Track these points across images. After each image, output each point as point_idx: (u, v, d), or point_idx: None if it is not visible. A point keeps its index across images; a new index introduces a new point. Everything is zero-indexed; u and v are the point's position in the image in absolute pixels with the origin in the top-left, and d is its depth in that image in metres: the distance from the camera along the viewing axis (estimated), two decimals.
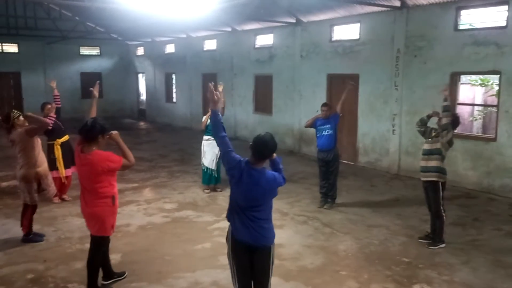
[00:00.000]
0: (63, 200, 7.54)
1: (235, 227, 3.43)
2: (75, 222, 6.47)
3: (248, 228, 3.37)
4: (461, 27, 8.63)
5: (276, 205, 3.63)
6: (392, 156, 9.94)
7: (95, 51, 21.47)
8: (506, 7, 7.88)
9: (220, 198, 7.88)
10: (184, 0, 8.59)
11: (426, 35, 9.06)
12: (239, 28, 14.40)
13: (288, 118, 12.77)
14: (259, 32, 13.86)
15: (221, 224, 6.41)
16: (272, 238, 3.51)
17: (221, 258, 5.15)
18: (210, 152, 8.03)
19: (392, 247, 5.72)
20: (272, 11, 11.89)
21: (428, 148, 5.73)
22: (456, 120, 5.83)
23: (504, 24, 7.91)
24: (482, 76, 10.37)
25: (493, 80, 10.15)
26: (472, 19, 8.70)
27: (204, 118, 8.19)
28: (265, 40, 13.82)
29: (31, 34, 17.24)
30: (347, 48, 10.82)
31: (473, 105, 10.76)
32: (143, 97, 21.95)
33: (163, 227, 6.44)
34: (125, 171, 7.31)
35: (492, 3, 8.14)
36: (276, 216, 3.62)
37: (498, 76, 8.24)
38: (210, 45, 16.47)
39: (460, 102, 9.24)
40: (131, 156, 4.28)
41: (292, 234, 6.15)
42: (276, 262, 3.63)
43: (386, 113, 10.02)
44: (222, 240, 5.37)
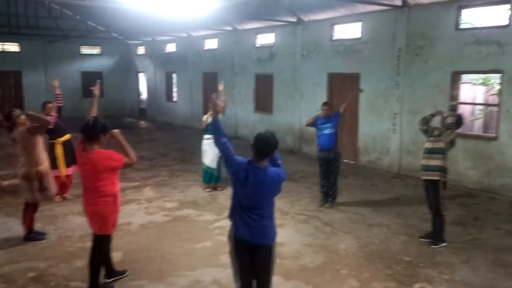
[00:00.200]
0: (64, 199, 7.55)
1: (237, 226, 3.43)
2: (76, 221, 6.49)
3: (251, 227, 3.38)
4: (462, 26, 8.62)
5: (277, 204, 3.62)
6: (393, 155, 9.93)
7: (96, 50, 21.47)
8: (508, 6, 7.87)
9: (221, 197, 7.89)
10: None
11: (427, 34, 9.05)
12: (240, 27, 14.39)
13: (289, 117, 12.76)
14: (260, 31, 13.85)
15: (221, 223, 6.42)
16: (273, 236, 3.52)
17: (221, 257, 5.17)
18: (210, 151, 8.02)
19: (392, 246, 5.72)
20: (273, 10, 11.89)
21: (430, 147, 5.73)
22: (459, 120, 5.83)
23: (506, 23, 7.90)
24: (483, 75, 10.37)
25: (494, 79, 10.15)
26: (474, 18, 8.70)
27: (204, 117, 8.18)
28: (266, 39, 13.81)
29: (32, 33, 17.23)
30: (348, 47, 10.81)
31: (474, 104, 10.75)
32: (144, 96, 21.94)
33: (164, 226, 6.45)
34: (126, 170, 7.32)
35: (493, 2, 8.14)
36: (276, 215, 3.62)
37: (500, 75, 8.23)
38: (211, 44, 16.46)
39: (461, 102, 9.22)
40: (132, 155, 4.30)
41: (293, 233, 6.17)
42: (276, 261, 3.63)
43: (387, 112, 10.02)
44: (223, 238, 5.38)
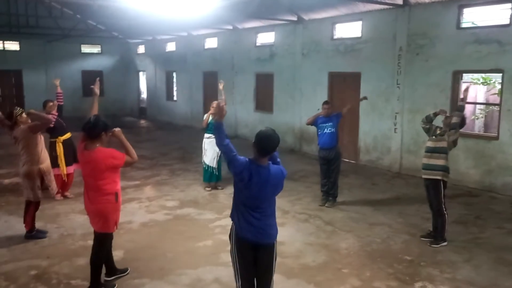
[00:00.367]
0: (65, 197, 7.56)
1: (239, 225, 3.42)
2: (77, 219, 6.49)
3: (254, 226, 3.37)
4: (463, 25, 8.61)
5: (278, 203, 3.62)
6: (394, 154, 9.93)
7: (96, 49, 21.47)
8: (509, 5, 7.86)
9: (221, 196, 7.89)
10: None
11: (428, 33, 9.05)
12: (240, 26, 14.38)
13: (289, 116, 12.75)
14: (260, 30, 13.84)
15: (222, 222, 6.43)
16: (275, 235, 3.52)
17: (222, 255, 5.17)
18: (211, 150, 8.03)
19: (394, 245, 5.72)
20: (273, 9, 11.88)
21: (431, 146, 5.73)
22: (463, 120, 5.84)
23: (507, 22, 7.89)
24: (484, 75, 10.36)
25: (495, 78, 10.14)
26: (475, 17, 8.68)
27: (205, 116, 8.17)
28: (266, 38, 13.80)
29: (33, 32, 17.21)
30: (349, 46, 10.80)
31: (475, 103, 10.75)
32: (144, 95, 21.94)
33: (165, 225, 6.46)
34: (126, 169, 7.32)
35: (494, 1, 8.13)
36: (277, 214, 3.62)
37: (501, 74, 8.22)
38: (211, 43, 16.45)
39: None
40: (133, 153, 4.30)
41: (294, 232, 6.17)
42: (278, 259, 3.63)
43: (388, 111, 10.01)
44: (224, 237, 5.39)
